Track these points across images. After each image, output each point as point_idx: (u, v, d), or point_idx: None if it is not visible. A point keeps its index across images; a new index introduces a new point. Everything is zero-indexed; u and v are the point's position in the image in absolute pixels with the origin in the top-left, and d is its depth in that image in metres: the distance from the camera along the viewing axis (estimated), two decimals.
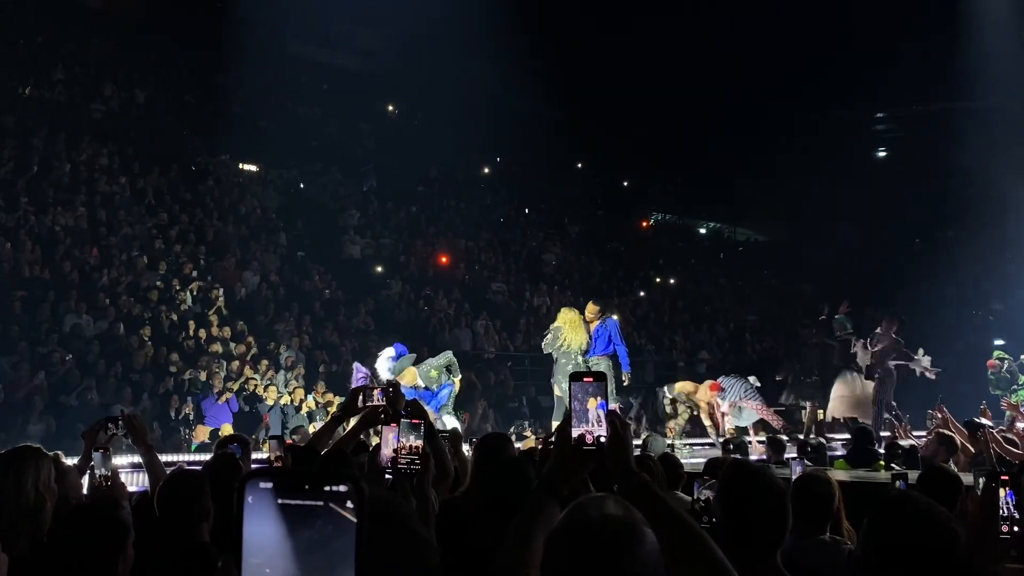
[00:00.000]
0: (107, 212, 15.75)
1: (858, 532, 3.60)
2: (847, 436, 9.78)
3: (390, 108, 25.49)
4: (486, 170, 25.80)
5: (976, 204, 22.13)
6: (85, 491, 4.12)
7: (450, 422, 10.48)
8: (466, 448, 6.00)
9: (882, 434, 10.54)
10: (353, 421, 5.15)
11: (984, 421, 7.26)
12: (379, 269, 19.03)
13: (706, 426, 12.08)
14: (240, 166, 20.38)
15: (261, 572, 0.67)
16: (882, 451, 7.59)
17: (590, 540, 1.37)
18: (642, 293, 22.92)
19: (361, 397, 4.61)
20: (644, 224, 29.28)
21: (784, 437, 9.38)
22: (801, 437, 10.46)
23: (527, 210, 25.20)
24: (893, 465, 6.61)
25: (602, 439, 1.78)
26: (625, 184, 29.82)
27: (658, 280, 24.36)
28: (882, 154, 28.90)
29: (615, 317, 11.33)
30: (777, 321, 23.71)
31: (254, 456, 5.94)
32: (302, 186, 21.32)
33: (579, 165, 28.81)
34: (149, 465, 4.20)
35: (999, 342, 15.43)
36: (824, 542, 3.28)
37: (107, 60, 20.89)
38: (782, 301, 25.12)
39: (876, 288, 23.39)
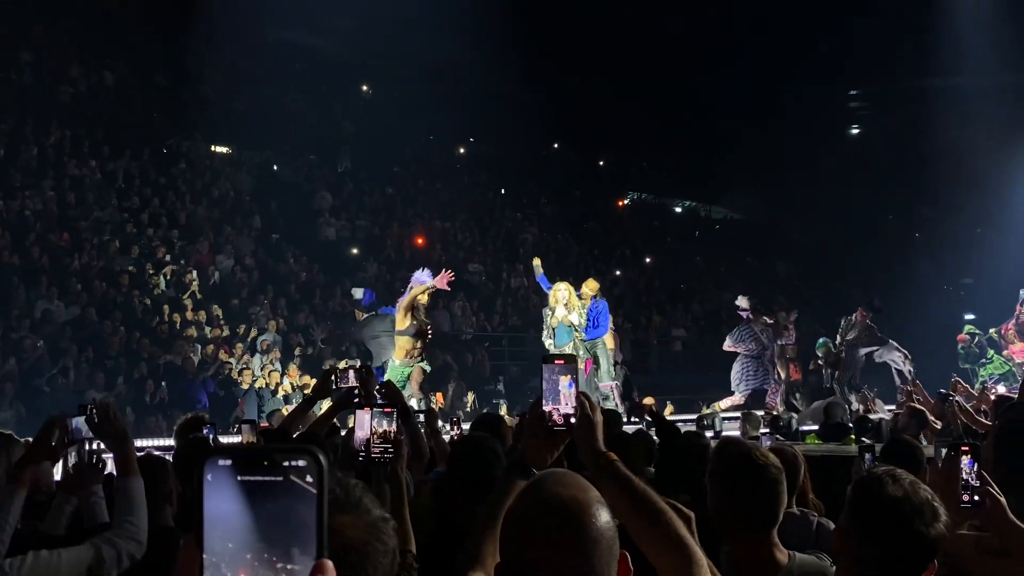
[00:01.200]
0: (77, 196, 15.54)
1: (825, 504, 3.68)
2: None
3: (365, 89, 25.27)
4: (462, 151, 25.70)
5: (949, 181, 22.37)
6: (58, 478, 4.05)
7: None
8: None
9: (854, 407, 10.66)
10: (326, 404, 5.17)
11: (956, 396, 7.36)
12: (355, 251, 18.95)
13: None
14: (213, 149, 20.16)
15: (224, 547, 0.67)
16: (852, 425, 7.71)
17: (544, 518, 1.38)
18: (618, 272, 22.99)
19: (334, 379, 4.61)
20: (620, 204, 29.32)
21: (759, 412, 9.47)
22: (776, 414, 10.57)
23: (503, 191, 25.14)
24: (863, 439, 6.70)
25: (572, 419, 1.80)
26: (601, 164, 29.80)
27: (634, 259, 24.44)
28: (856, 131, 29.08)
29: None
30: (754, 299, 23.85)
31: (227, 440, 5.93)
32: (276, 168, 21.13)
33: (555, 145, 28.74)
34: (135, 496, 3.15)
35: (969, 317, 15.67)
36: (792, 514, 3.33)
37: (75, 41, 20.51)
38: (758, 279, 25.29)
39: (851, 265, 23.65)
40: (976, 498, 2.12)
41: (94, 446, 3.53)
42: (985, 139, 21.53)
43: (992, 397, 7.92)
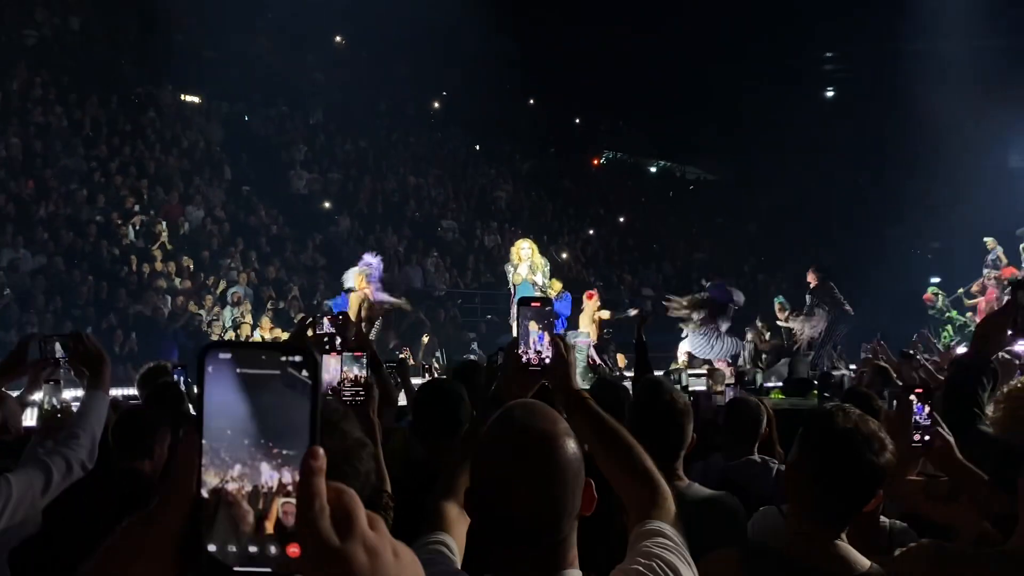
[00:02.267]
0: (43, 143, 15.24)
1: (786, 455, 3.78)
2: None
3: (338, 40, 24.85)
4: (436, 105, 25.46)
5: (921, 144, 22.55)
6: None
7: None
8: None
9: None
10: None
11: (918, 355, 7.51)
12: (327, 205, 18.81)
13: None
14: (183, 97, 19.79)
15: (222, 434, 0.70)
16: (816, 382, 7.87)
17: (513, 446, 1.42)
18: (592, 231, 23.05)
19: (311, 328, 4.62)
20: (595, 162, 29.28)
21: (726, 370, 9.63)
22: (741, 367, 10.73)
23: (478, 147, 25.00)
24: (826, 395, 6.85)
25: (546, 360, 1.86)
26: (576, 122, 29.67)
27: (608, 218, 24.51)
28: (830, 94, 29.16)
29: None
30: (724, 260, 24.10)
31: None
32: (247, 119, 20.82)
33: (531, 102, 28.54)
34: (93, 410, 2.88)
35: (935, 280, 15.92)
36: (753, 461, 3.43)
37: None
38: (729, 240, 25.50)
39: (821, 228, 23.88)
40: (927, 438, 2.19)
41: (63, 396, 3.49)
42: (959, 103, 21.67)
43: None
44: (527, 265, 11.08)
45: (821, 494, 1.85)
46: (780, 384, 8.44)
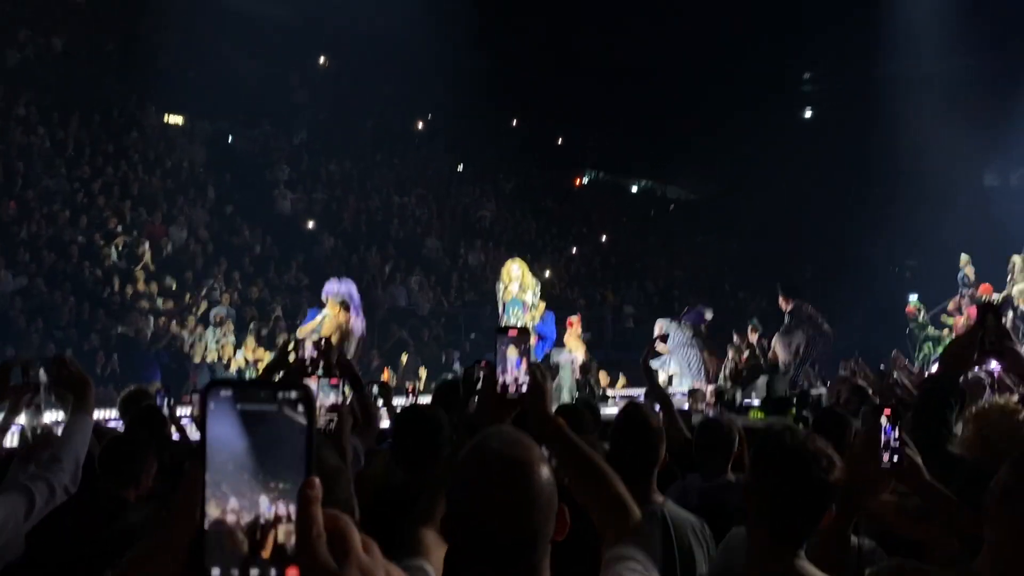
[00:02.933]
0: (25, 164, 15.18)
1: None
2: None
3: (322, 60, 24.92)
4: (420, 126, 25.54)
5: (898, 164, 22.84)
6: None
7: None
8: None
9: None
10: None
11: (896, 372, 7.60)
12: (311, 224, 18.80)
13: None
14: (166, 117, 19.78)
15: (224, 468, 0.75)
16: (795, 400, 7.93)
17: (488, 473, 1.46)
18: (574, 250, 23.16)
19: (293, 352, 4.63)
20: (577, 181, 29.43)
21: (707, 388, 9.71)
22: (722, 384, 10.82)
23: (461, 166, 25.10)
24: (804, 413, 6.91)
25: (523, 388, 1.89)
26: (559, 141, 29.84)
27: (590, 237, 24.63)
28: (809, 115, 29.49)
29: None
30: (704, 278, 24.27)
31: (181, 411, 5.92)
32: (231, 139, 20.81)
33: (514, 122, 28.69)
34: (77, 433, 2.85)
35: (913, 296, 16.08)
36: (729, 482, 3.49)
37: (23, 4, 19.90)
38: (710, 258, 25.68)
39: (801, 246, 24.08)
40: (895, 458, 2.24)
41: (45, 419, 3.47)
42: (935, 123, 21.99)
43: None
44: (518, 284, 11.17)
45: (775, 512, 1.89)
46: (759, 403, 8.51)
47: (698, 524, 2.70)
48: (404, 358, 14.08)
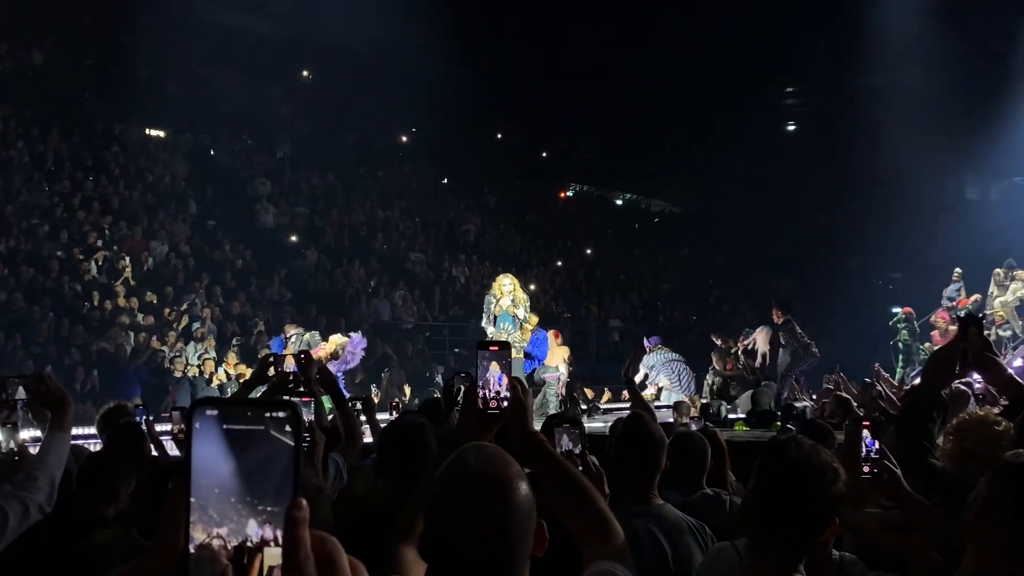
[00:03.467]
0: (4, 178, 15.06)
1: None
2: None
3: (305, 74, 24.91)
4: (404, 139, 25.55)
5: (881, 177, 23.04)
6: None
7: None
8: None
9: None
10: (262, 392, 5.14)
11: (879, 385, 7.62)
12: (294, 239, 18.73)
13: None
14: (147, 132, 19.68)
15: (210, 492, 0.72)
16: (779, 413, 7.95)
17: (466, 490, 1.44)
18: (559, 263, 23.19)
19: (272, 367, 4.59)
20: (562, 195, 29.52)
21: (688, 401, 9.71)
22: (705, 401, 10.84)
23: (445, 180, 25.11)
24: (789, 426, 6.92)
25: (505, 404, 1.88)
26: (543, 155, 29.94)
27: (575, 250, 24.68)
28: (791, 128, 29.74)
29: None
30: (689, 291, 24.35)
31: (160, 428, 5.85)
32: (212, 153, 20.74)
33: (498, 135, 28.78)
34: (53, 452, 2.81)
35: (896, 309, 16.17)
36: (707, 495, 3.48)
37: (1, 18, 19.78)
38: (694, 271, 25.78)
39: (784, 259, 24.22)
40: (876, 470, 2.24)
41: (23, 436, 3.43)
42: (916, 137, 22.23)
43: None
44: (510, 299, 11.18)
45: (778, 525, 1.86)
46: (744, 416, 8.52)
47: (697, 525, 2.76)
48: (385, 375, 14.02)
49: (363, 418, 5.11)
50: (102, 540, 2.84)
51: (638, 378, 11.97)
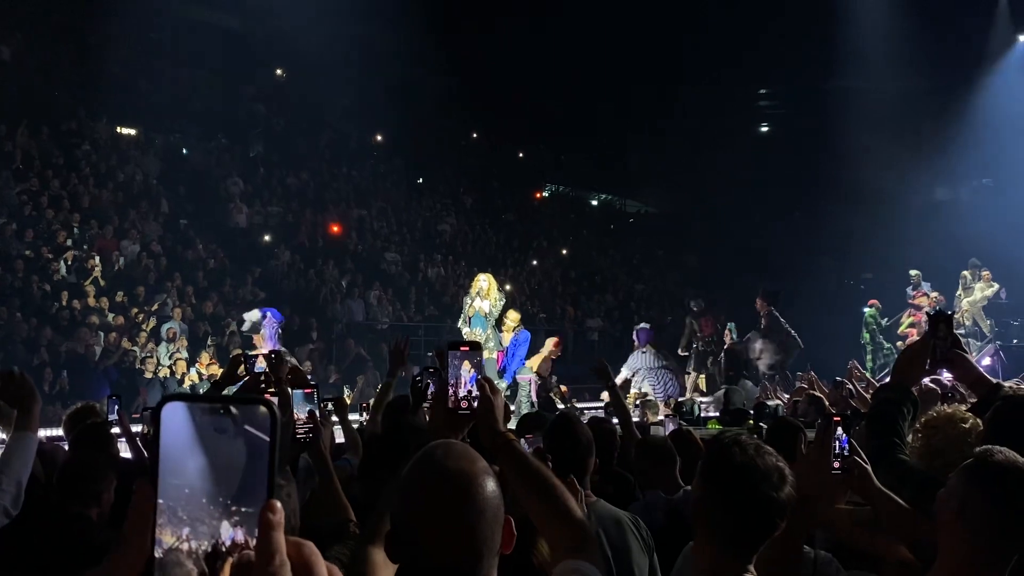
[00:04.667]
0: None
1: None
2: None
3: (279, 72, 24.72)
4: (379, 138, 25.45)
5: (852, 178, 23.27)
6: None
7: None
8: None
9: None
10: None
11: (849, 383, 7.69)
12: (267, 238, 18.57)
13: None
14: (118, 130, 19.44)
15: (180, 492, 0.68)
16: (752, 411, 8.00)
17: (433, 488, 1.43)
18: (535, 263, 23.20)
19: (243, 366, 4.53)
20: (537, 195, 29.54)
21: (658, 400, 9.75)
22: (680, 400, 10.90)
23: (421, 179, 25.03)
24: (761, 424, 6.96)
25: (475, 403, 1.89)
26: (520, 156, 29.96)
27: (551, 250, 24.71)
28: (764, 130, 29.98)
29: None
30: (663, 291, 24.46)
31: (134, 428, 5.77)
32: (185, 151, 20.52)
33: (474, 135, 28.74)
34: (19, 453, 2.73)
35: (867, 309, 16.36)
36: (689, 492, 3.47)
37: None
38: (669, 271, 25.90)
39: (757, 260, 24.38)
40: (846, 466, 2.25)
41: None
42: (888, 138, 22.50)
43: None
44: (486, 301, 11.17)
45: (723, 528, 1.84)
46: (717, 415, 8.56)
47: (630, 518, 2.89)
48: (360, 379, 13.93)
49: (335, 418, 5.07)
50: (98, 540, 2.80)
51: (620, 379, 12.02)
